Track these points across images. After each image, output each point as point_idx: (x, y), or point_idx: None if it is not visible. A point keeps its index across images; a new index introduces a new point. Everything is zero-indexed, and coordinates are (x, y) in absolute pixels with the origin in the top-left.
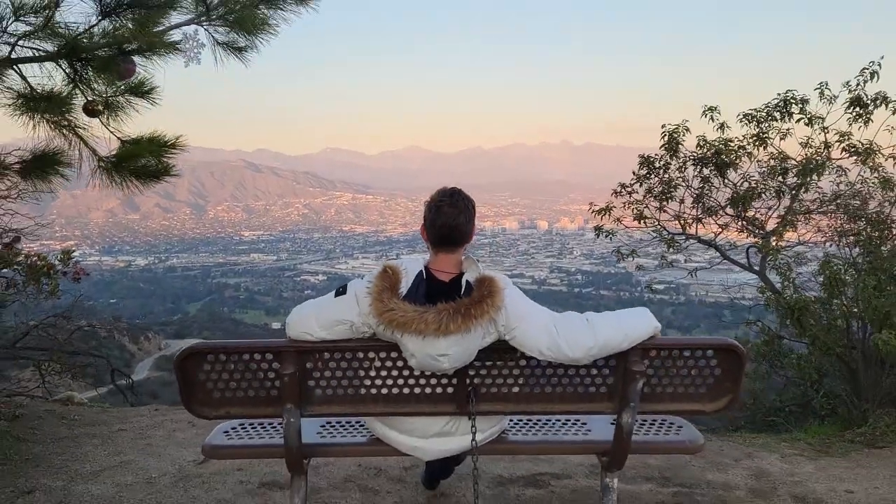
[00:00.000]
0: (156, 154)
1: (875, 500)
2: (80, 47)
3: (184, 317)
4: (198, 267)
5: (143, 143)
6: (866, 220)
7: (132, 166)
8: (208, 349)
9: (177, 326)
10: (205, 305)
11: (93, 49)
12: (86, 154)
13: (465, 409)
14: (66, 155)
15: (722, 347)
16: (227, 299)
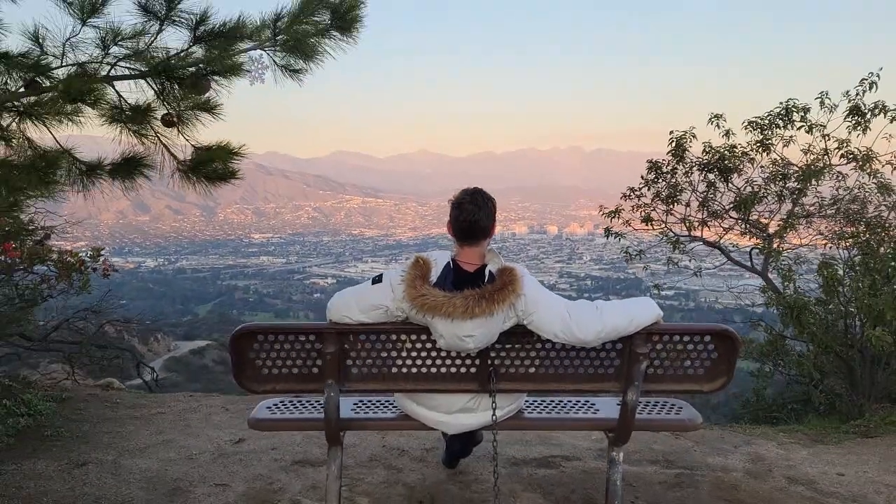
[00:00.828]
0: (224, 160)
1: (863, 482)
2: (170, 67)
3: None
4: (207, 269)
5: (214, 150)
6: (865, 223)
7: (205, 170)
8: (259, 330)
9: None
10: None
11: (180, 69)
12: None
13: (487, 387)
14: (149, 158)
15: (718, 333)
16: (236, 301)
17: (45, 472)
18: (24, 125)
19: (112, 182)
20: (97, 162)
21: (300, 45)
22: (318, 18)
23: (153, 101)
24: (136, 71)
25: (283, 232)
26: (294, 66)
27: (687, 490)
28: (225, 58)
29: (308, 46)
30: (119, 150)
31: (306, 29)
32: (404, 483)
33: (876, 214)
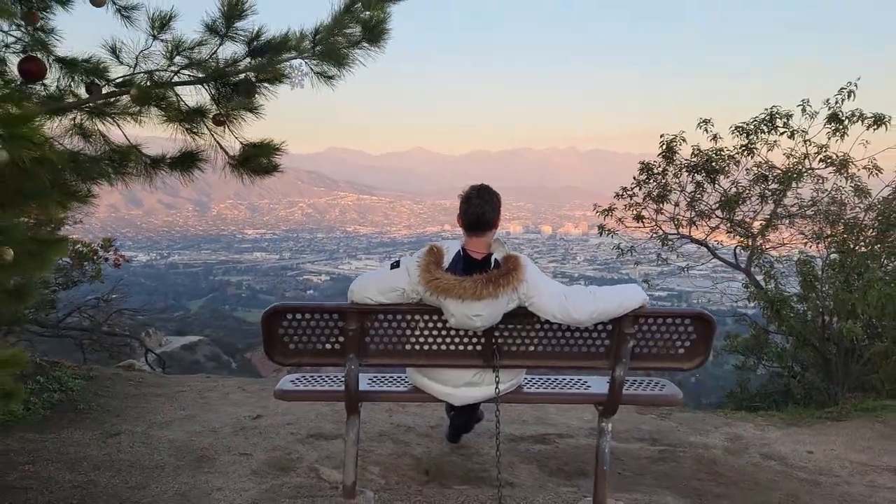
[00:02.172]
0: (269, 155)
1: (830, 458)
2: (224, 74)
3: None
4: (200, 264)
5: (261, 146)
6: (843, 224)
7: (252, 164)
8: (287, 309)
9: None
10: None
11: (232, 75)
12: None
13: (491, 363)
14: (204, 153)
15: (697, 316)
16: (229, 297)
17: (82, 441)
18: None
19: (171, 173)
20: (161, 156)
21: (334, 54)
22: (349, 31)
23: (208, 104)
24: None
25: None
26: (328, 73)
27: (670, 464)
28: (272, 67)
29: (341, 55)
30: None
31: (339, 40)
32: (411, 455)
33: (853, 216)
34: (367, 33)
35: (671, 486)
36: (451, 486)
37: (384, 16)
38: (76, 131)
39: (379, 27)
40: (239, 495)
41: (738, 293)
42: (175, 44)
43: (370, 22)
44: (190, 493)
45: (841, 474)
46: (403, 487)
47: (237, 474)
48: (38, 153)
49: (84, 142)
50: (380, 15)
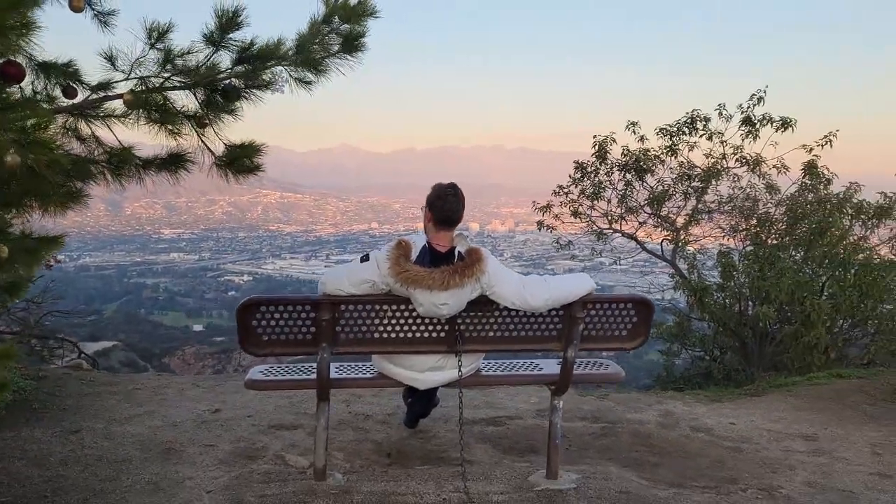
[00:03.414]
0: (252, 156)
1: (750, 428)
2: (213, 81)
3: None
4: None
5: (244, 147)
6: (756, 219)
7: (237, 164)
8: (261, 302)
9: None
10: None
11: (220, 81)
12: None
13: (453, 348)
14: (191, 154)
15: (637, 301)
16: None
17: (43, 438)
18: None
19: (159, 174)
20: (152, 158)
21: (312, 62)
22: (328, 41)
23: (196, 108)
24: (184, 83)
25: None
26: (306, 79)
27: (610, 438)
28: (258, 74)
29: (318, 63)
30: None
31: (317, 49)
32: (372, 440)
33: (765, 211)
34: (345, 45)
35: (613, 458)
36: (414, 467)
37: (362, 29)
38: (72, 134)
39: (356, 40)
40: (211, 482)
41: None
42: (168, 52)
43: (350, 35)
44: (162, 483)
45: (760, 441)
46: (368, 470)
47: (205, 464)
48: (50, 157)
49: (79, 144)
50: (357, 28)
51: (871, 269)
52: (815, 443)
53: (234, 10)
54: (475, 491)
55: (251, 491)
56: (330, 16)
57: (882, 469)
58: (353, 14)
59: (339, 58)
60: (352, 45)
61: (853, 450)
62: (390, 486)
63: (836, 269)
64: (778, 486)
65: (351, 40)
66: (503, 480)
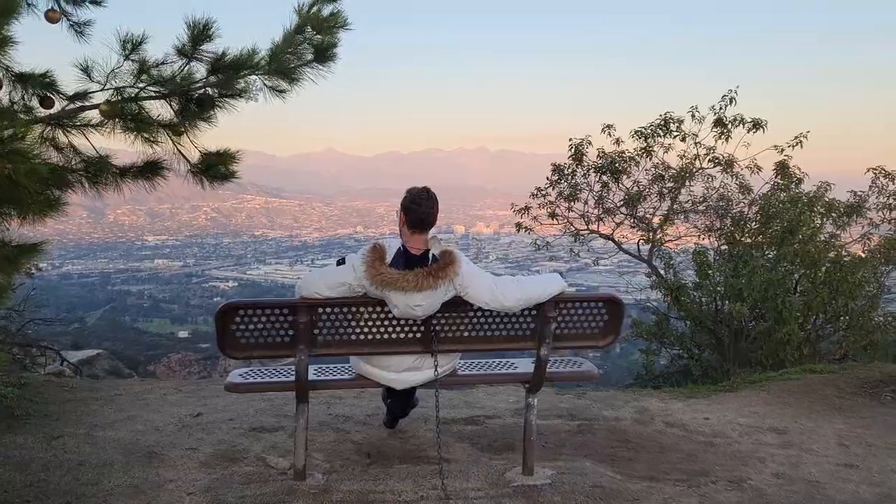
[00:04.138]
0: (227, 163)
1: (723, 423)
2: (188, 90)
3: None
4: (96, 274)
5: (219, 155)
6: (731, 218)
7: (213, 172)
8: (240, 306)
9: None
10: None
11: (195, 90)
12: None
13: (429, 349)
14: (167, 162)
15: (608, 299)
16: (128, 307)
17: (26, 444)
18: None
19: (136, 181)
20: (129, 166)
21: (285, 71)
22: (302, 51)
23: (171, 116)
24: (159, 93)
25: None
26: (280, 88)
27: (586, 435)
28: (231, 84)
29: (291, 72)
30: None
31: (290, 58)
32: (352, 441)
33: (738, 211)
34: (317, 55)
35: (588, 454)
36: (393, 466)
37: (333, 40)
38: (50, 143)
39: (329, 51)
40: (192, 485)
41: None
42: (143, 63)
43: (321, 45)
44: (143, 486)
45: (732, 435)
46: (348, 470)
47: (187, 467)
48: (28, 166)
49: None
50: (329, 39)
51: (840, 267)
52: (786, 436)
53: (205, 22)
54: (452, 488)
55: (232, 492)
56: (302, 26)
57: (848, 460)
58: (324, 25)
59: (311, 67)
60: (324, 55)
61: (821, 442)
62: (369, 484)
63: (807, 267)
64: (747, 477)
65: (323, 51)
66: (480, 478)
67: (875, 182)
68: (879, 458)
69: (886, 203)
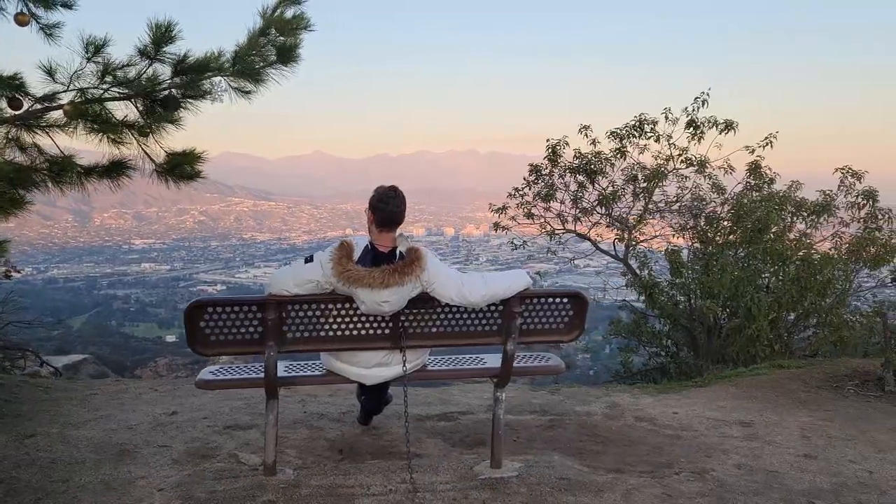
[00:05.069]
0: (192, 163)
1: (691, 416)
2: (152, 91)
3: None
4: (82, 278)
5: (184, 155)
6: (705, 218)
7: (178, 171)
8: (209, 303)
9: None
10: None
11: (160, 92)
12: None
13: (398, 344)
14: (132, 162)
15: (573, 295)
16: (115, 312)
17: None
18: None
19: (101, 181)
20: (93, 165)
21: (250, 72)
22: (264, 52)
23: (136, 117)
24: (123, 94)
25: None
26: (245, 88)
27: (557, 430)
28: (195, 85)
29: (256, 73)
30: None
31: (255, 60)
32: (326, 438)
33: (712, 210)
34: (280, 56)
35: (558, 448)
36: (365, 461)
37: (296, 41)
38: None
39: (291, 52)
40: (163, 481)
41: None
42: (107, 65)
43: (284, 46)
44: (114, 483)
45: (699, 429)
46: (320, 465)
47: (159, 464)
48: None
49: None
50: (292, 41)
51: (808, 265)
52: (751, 428)
53: (168, 24)
54: (421, 482)
55: (202, 488)
56: (266, 28)
57: (808, 451)
58: (287, 27)
59: (275, 68)
60: (287, 56)
61: (785, 434)
62: (339, 479)
63: (776, 265)
64: (710, 469)
65: (286, 52)
66: (449, 471)
67: (843, 182)
68: (838, 448)
69: (854, 202)
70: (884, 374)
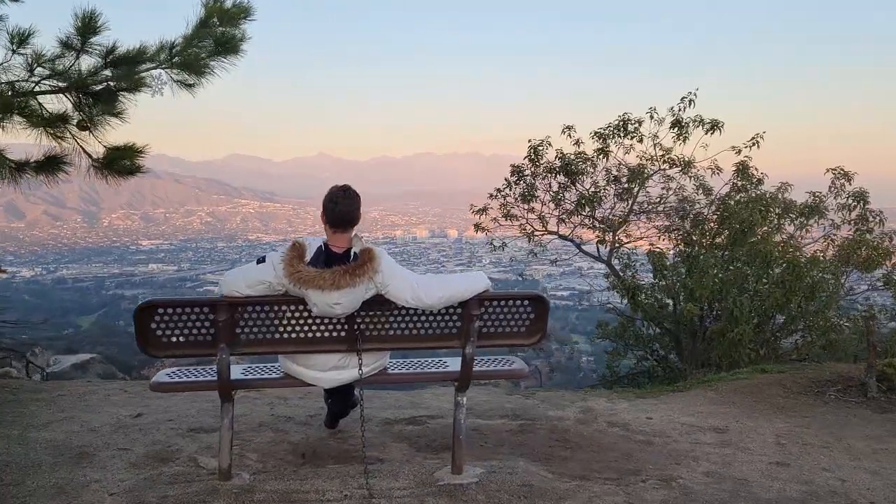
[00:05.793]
0: (131, 158)
1: (666, 422)
2: (84, 84)
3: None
4: (90, 278)
5: (123, 149)
6: (690, 220)
7: (116, 166)
8: (159, 304)
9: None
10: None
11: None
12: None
13: (354, 348)
14: (68, 157)
15: (533, 297)
16: (122, 312)
17: None
18: None
19: (37, 177)
20: (25, 160)
21: (192, 65)
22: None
23: (70, 111)
24: (56, 87)
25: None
26: (188, 81)
27: (527, 435)
28: (129, 77)
29: (198, 66)
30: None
31: (195, 52)
32: (289, 441)
33: (699, 212)
34: (219, 47)
35: (525, 453)
36: (326, 466)
37: (240, 33)
38: None
39: (230, 42)
40: (117, 486)
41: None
42: (35, 56)
43: (222, 38)
44: (67, 487)
45: (672, 435)
46: (279, 470)
47: (115, 467)
48: None
49: None
50: (233, 31)
51: (794, 267)
52: (724, 435)
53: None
54: (379, 487)
55: (154, 492)
56: (208, 19)
57: (781, 458)
58: (229, 17)
59: (217, 60)
60: (226, 47)
61: (759, 440)
62: (295, 484)
63: (759, 267)
64: (678, 476)
65: (226, 42)
66: (409, 477)
67: (834, 183)
68: (813, 456)
69: (845, 204)
70: (867, 379)
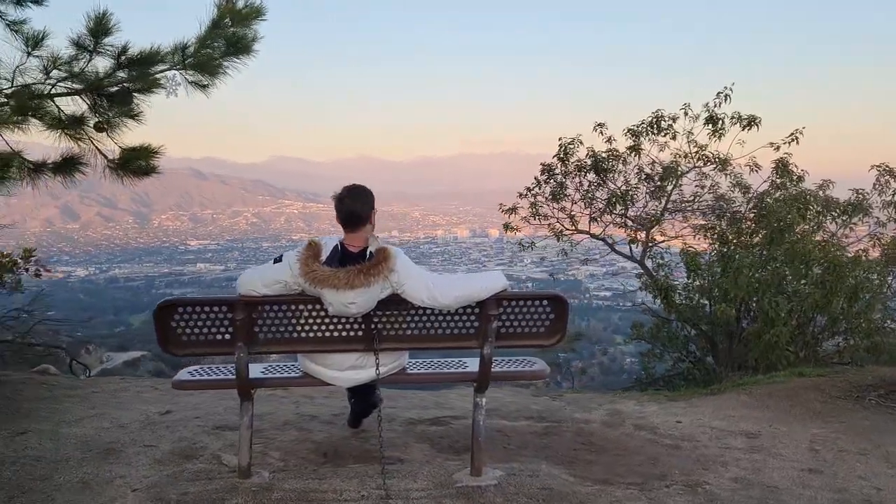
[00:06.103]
0: (146, 158)
1: (695, 426)
2: (100, 86)
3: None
4: (141, 277)
5: (138, 150)
6: (727, 219)
7: (131, 167)
8: (179, 303)
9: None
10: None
11: (109, 86)
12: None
13: (371, 347)
14: (84, 158)
15: (552, 297)
16: None
17: None
18: None
19: (55, 178)
20: (43, 161)
21: (205, 65)
22: (218, 45)
23: (86, 112)
24: (71, 89)
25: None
26: (202, 82)
27: (552, 437)
28: (144, 78)
29: (211, 67)
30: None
31: (208, 53)
32: (312, 440)
33: (736, 210)
34: (230, 47)
35: (548, 456)
36: (346, 466)
37: (251, 33)
38: None
39: (241, 42)
40: (140, 481)
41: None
42: (50, 59)
43: (233, 38)
44: (92, 482)
45: (701, 439)
46: (300, 468)
47: (140, 464)
48: None
49: None
50: (245, 31)
51: (834, 268)
52: (756, 440)
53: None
54: (397, 488)
55: (175, 489)
56: (220, 20)
57: (815, 465)
58: (241, 17)
59: (228, 60)
60: (238, 47)
61: (792, 446)
62: (313, 483)
63: (797, 267)
64: (704, 482)
65: (237, 42)
66: (428, 478)
67: (878, 180)
68: (848, 463)
69: (891, 201)
70: None
